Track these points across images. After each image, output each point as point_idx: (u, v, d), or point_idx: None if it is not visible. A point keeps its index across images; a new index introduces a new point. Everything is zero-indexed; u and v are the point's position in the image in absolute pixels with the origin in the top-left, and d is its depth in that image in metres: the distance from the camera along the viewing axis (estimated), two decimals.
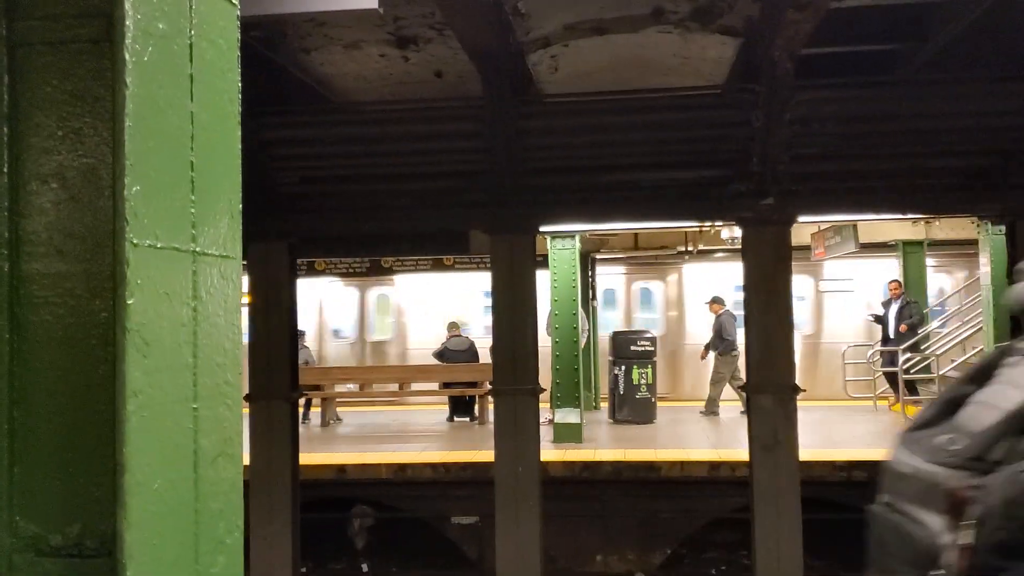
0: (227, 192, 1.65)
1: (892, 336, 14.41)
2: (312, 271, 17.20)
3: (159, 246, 1.41)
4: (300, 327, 11.69)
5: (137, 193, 1.35)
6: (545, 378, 8.74)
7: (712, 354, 14.89)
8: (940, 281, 17.35)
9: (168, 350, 1.44)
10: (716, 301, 15.16)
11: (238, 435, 1.68)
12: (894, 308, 14.57)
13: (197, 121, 1.54)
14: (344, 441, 13.35)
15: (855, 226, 12.69)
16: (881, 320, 14.85)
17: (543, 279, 12.20)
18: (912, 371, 14.07)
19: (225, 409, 1.63)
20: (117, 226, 1.33)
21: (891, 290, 14.97)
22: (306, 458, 10.42)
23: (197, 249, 1.53)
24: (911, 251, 15.57)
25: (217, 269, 1.60)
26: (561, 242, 12.53)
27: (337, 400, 15.32)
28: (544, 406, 12.78)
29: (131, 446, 1.34)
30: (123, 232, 1.33)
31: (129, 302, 1.33)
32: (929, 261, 16.09)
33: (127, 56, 1.34)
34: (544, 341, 11.98)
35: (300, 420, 14.49)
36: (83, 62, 1.52)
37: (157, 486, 1.40)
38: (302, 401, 14.83)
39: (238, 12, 1.69)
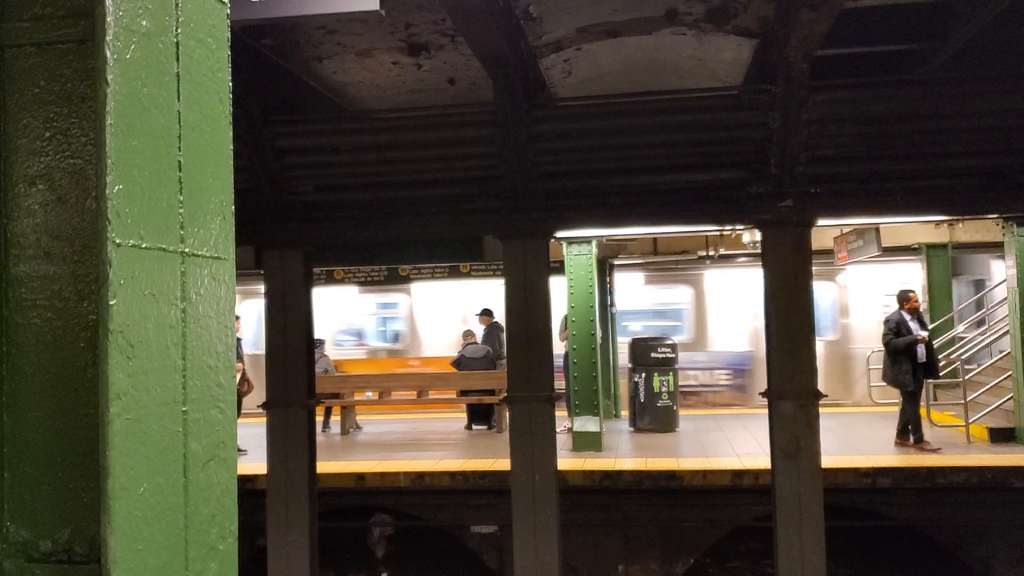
0: (218, 193, 1.62)
1: (922, 360, 11.32)
2: (332, 280, 17.27)
3: (144, 246, 1.38)
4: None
5: (120, 192, 1.33)
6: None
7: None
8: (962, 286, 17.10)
9: (155, 352, 1.41)
10: (485, 313, 15.35)
11: (232, 438, 1.65)
12: (915, 325, 11.46)
13: (185, 121, 1.52)
14: (363, 449, 13.34)
15: (877, 229, 12.57)
16: (909, 344, 11.27)
17: (560, 285, 12.19)
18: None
19: (217, 412, 1.60)
20: (99, 226, 1.31)
21: (911, 302, 11.65)
22: (326, 466, 10.43)
23: (186, 250, 1.51)
24: (935, 254, 15.38)
25: (208, 270, 1.58)
26: (577, 248, 12.46)
27: (357, 408, 15.34)
28: (563, 414, 12.77)
29: (115, 449, 1.31)
30: (105, 232, 1.30)
31: (111, 303, 1.30)
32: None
33: (108, 53, 1.32)
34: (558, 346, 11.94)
35: (321, 428, 14.59)
36: (70, 63, 1.50)
37: (143, 490, 1.37)
38: (322, 409, 14.88)
39: (228, 12, 1.67)
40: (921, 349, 11.28)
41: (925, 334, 11.44)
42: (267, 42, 6.22)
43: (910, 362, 11.27)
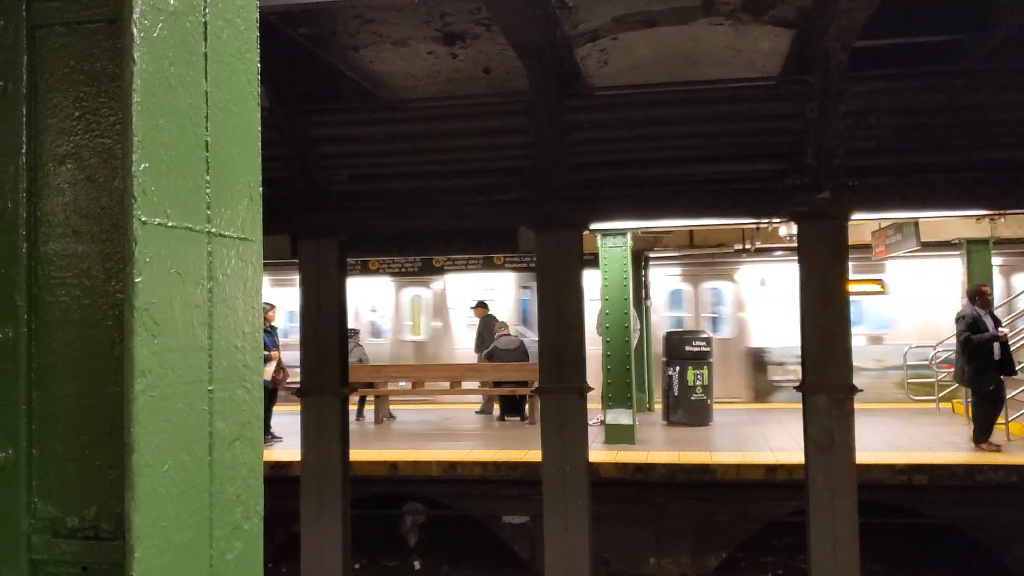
0: (245, 174, 1.62)
1: (997, 358, 10.78)
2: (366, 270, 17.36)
3: (170, 225, 1.38)
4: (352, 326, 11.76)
5: (146, 171, 1.33)
6: (596, 378, 8.64)
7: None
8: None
9: (180, 330, 1.41)
10: (480, 305, 15.73)
11: (258, 419, 1.65)
12: (990, 321, 11.02)
13: (212, 101, 1.52)
14: (396, 438, 13.41)
15: (916, 223, 12.38)
16: (983, 339, 10.81)
17: (595, 278, 12.15)
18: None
19: (244, 392, 1.60)
20: (125, 203, 1.31)
21: (984, 296, 11.23)
22: (359, 454, 10.50)
23: (213, 230, 1.51)
24: (976, 250, 15.09)
25: (235, 251, 1.57)
26: (612, 240, 12.41)
27: (390, 398, 15.43)
28: (596, 407, 12.74)
29: (140, 426, 1.32)
30: (131, 209, 1.31)
31: (137, 280, 1.30)
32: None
33: (135, 31, 1.32)
34: (595, 341, 11.92)
35: (356, 417, 14.70)
36: (99, 42, 1.51)
37: (168, 468, 1.37)
38: (356, 399, 14.99)
39: None
40: (997, 346, 10.78)
41: (1006, 331, 11.01)
42: (304, 31, 6.25)
43: (986, 360, 10.77)
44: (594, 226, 8.69)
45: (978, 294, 11.30)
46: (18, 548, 1.50)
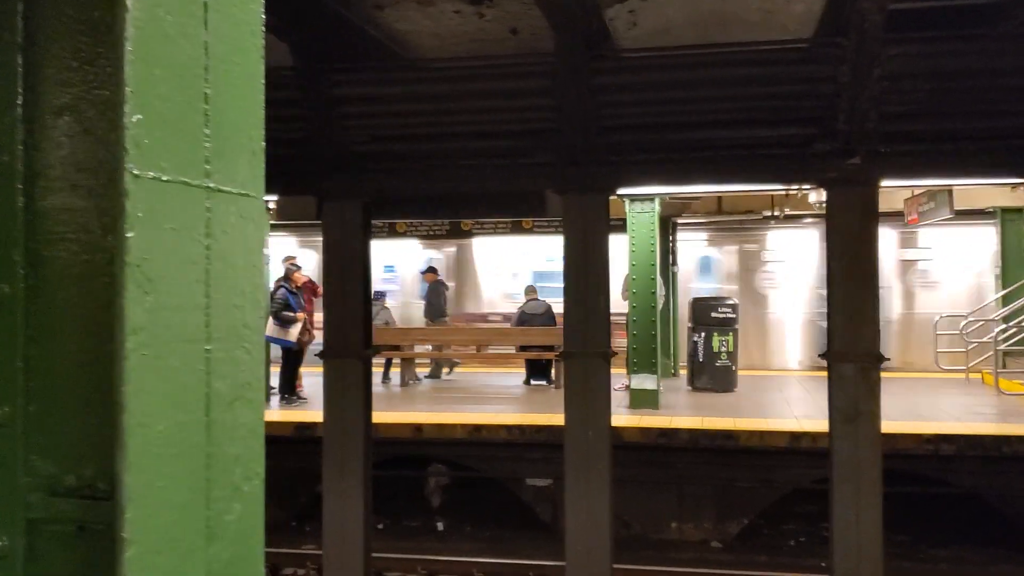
0: (248, 128, 1.58)
1: None
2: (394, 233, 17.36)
3: (164, 179, 1.35)
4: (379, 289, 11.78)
5: (140, 122, 1.29)
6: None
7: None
8: None
9: (175, 288, 1.38)
10: (430, 271, 16.00)
11: (259, 380, 1.62)
12: None
13: (212, 52, 1.47)
14: (422, 400, 13.47)
15: (950, 191, 12.17)
16: None
17: (622, 243, 12.06)
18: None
19: (243, 352, 1.57)
20: (118, 156, 1.27)
21: None
22: (384, 416, 10.55)
23: (211, 185, 1.47)
24: (1011, 219, 14.83)
25: (235, 207, 1.54)
26: (640, 205, 12.31)
27: (417, 361, 15.48)
28: (621, 372, 12.71)
29: (131, 385, 1.29)
30: (123, 162, 1.27)
31: (128, 235, 1.27)
32: None
33: None
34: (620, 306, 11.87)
35: (382, 380, 14.78)
36: None
37: (162, 428, 1.35)
38: (382, 361, 15.05)
39: None
40: None
41: None
42: None
43: None
44: (621, 191, 8.59)
45: None
46: (15, 506, 1.48)
